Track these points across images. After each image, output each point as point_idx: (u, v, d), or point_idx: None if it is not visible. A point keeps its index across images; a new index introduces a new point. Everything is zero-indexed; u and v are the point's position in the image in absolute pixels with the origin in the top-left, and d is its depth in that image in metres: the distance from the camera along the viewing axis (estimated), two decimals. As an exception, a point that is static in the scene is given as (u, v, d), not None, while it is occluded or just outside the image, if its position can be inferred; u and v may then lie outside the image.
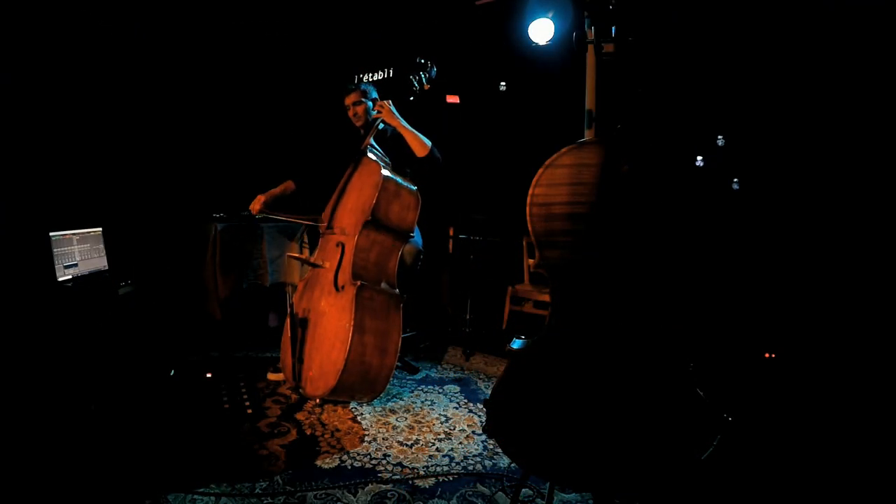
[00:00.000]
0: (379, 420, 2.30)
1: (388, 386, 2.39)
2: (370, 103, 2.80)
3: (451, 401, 2.56)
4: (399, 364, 2.63)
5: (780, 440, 2.15)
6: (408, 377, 2.87)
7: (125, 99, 3.49)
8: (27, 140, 2.96)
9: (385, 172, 2.40)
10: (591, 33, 1.66)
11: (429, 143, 2.64)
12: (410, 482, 1.80)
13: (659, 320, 1.45)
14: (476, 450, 2.06)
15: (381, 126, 2.70)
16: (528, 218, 1.57)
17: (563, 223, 1.53)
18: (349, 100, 2.81)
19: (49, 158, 3.06)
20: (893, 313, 2.72)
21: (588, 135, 1.74)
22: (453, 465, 1.94)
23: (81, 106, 3.25)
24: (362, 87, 2.83)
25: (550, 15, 2.71)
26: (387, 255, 2.46)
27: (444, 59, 2.80)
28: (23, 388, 2.28)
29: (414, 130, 2.63)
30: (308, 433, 2.14)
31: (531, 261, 3.52)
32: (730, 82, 3.37)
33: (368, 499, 1.70)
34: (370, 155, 2.52)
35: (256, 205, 2.73)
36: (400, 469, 1.90)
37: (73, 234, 2.80)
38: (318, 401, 2.42)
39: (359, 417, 2.32)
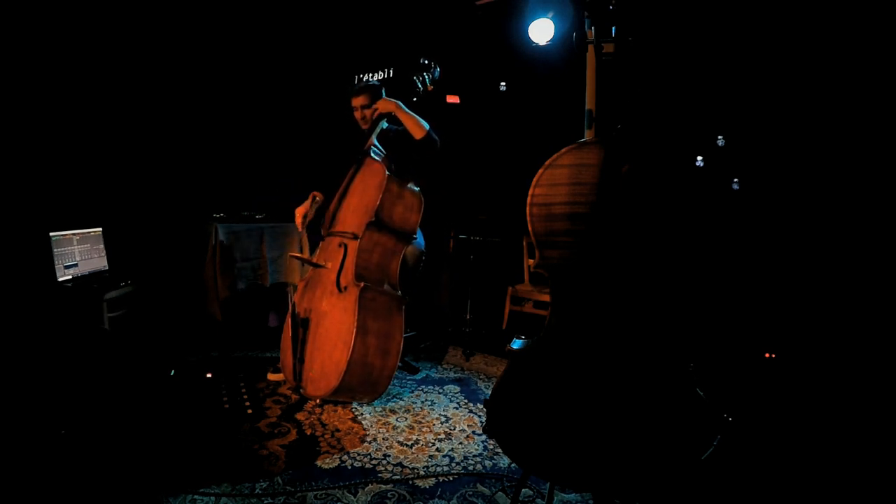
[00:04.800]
0: (379, 420, 2.30)
1: (388, 386, 2.40)
2: None
3: (451, 401, 2.56)
4: (399, 364, 2.63)
5: (780, 440, 2.15)
6: (408, 377, 2.87)
7: (125, 99, 3.50)
8: (27, 140, 2.96)
9: (388, 173, 2.40)
10: (591, 33, 1.66)
11: (426, 125, 2.56)
12: (410, 482, 1.80)
13: (659, 320, 1.45)
14: (476, 450, 2.06)
15: (384, 126, 2.67)
16: (528, 218, 1.57)
17: (564, 223, 1.53)
18: (357, 101, 2.69)
19: (49, 158, 3.06)
20: (892, 313, 2.72)
21: (588, 135, 1.75)
22: (453, 465, 1.94)
23: (82, 106, 3.25)
24: (372, 87, 2.70)
25: (550, 15, 2.70)
26: (389, 256, 2.46)
27: (444, 59, 2.79)
28: (22, 388, 2.28)
29: (411, 113, 2.55)
30: (308, 433, 2.14)
31: (531, 261, 3.52)
32: (729, 82, 3.37)
33: (368, 499, 1.70)
34: (373, 155, 2.51)
35: (300, 220, 2.68)
36: (400, 469, 1.89)
37: (73, 234, 2.81)
38: (318, 401, 2.42)
39: (359, 417, 2.32)
